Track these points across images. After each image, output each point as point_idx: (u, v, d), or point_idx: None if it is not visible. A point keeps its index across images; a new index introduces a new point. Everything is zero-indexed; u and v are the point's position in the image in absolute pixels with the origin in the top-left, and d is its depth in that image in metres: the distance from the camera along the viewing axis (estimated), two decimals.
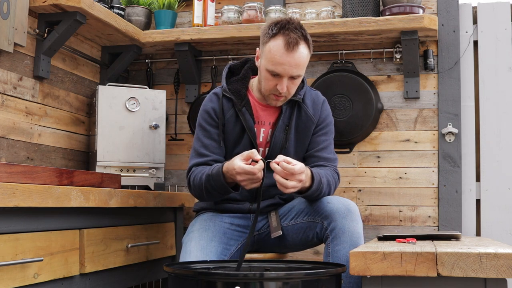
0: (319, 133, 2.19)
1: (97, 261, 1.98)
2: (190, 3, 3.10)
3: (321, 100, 2.23)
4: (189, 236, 2.06)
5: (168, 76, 3.23)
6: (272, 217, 2.14)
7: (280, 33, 1.98)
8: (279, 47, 1.97)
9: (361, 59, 2.97)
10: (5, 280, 1.55)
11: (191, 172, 2.11)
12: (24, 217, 1.66)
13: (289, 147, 2.13)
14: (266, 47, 2.02)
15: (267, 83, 2.04)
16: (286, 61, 1.97)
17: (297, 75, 2.01)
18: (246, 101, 2.13)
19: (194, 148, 2.15)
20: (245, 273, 1.57)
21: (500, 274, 1.45)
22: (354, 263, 1.54)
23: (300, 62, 1.99)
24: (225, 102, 2.14)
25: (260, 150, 2.14)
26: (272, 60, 1.98)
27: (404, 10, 2.71)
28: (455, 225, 2.76)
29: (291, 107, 2.15)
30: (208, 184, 1.99)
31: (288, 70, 1.98)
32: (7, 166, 1.65)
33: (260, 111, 2.16)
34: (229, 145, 2.14)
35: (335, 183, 2.11)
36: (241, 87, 2.15)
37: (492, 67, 2.82)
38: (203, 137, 2.13)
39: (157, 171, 2.79)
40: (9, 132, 2.37)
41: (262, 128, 2.15)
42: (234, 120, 2.13)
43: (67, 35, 2.55)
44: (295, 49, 1.97)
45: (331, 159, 2.18)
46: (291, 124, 2.13)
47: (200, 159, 2.11)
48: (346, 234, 1.95)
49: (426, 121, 2.86)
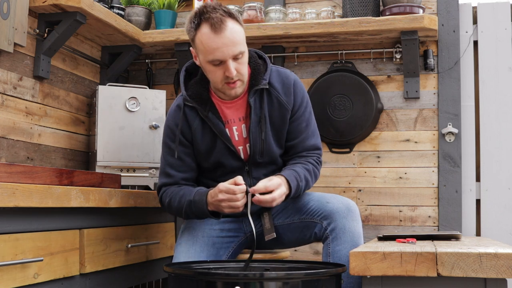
0: (298, 120, 2.06)
1: (97, 261, 1.98)
2: (190, 3, 3.10)
3: (291, 81, 2.05)
4: (178, 250, 2.02)
5: (168, 76, 3.23)
6: (265, 219, 2.07)
7: (202, 20, 1.88)
8: (207, 34, 1.86)
9: (361, 59, 2.97)
10: (5, 280, 1.55)
11: (162, 192, 2.06)
12: (24, 217, 1.66)
13: (267, 139, 2.01)
14: (196, 41, 1.91)
15: (215, 76, 1.92)
16: (220, 43, 1.85)
17: (239, 52, 1.88)
18: (210, 105, 2.01)
19: (161, 167, 2.08)
20: (245, 273, 1.57)
21: (500, 274, 1.45)
22: (354, 263, 1.54)
23: (234, 39, 1.86)
24: (188, 112, 2.02)
25: (240, 150, 2.04)
26: (207, 50, 1.87)
27: (404, 10, 2.72)
28: (455, 225, 2.76)
29: (259, 96, 2.01)
30: (189, 209, 1.95)
31: (226, 52, 1.86)
32: (7, 166, 1.65)
33: (226, 110, 2.03)
34: (203, 154, 2.04)
35: (315, 177, 2.05)
36: (202, 90, 2.02)
37: (492, 67, 2.82)
38: (168, 155, 2.05)
39: (157, 171, 2.79)
40: (9, 132, 2.37)
41: (234, 127, 2.04)
42: (202, 128, 2.01)
43: (67, 35, 2.55)
44: (223, 28, 1.85)
45: (314, 146, 2.08)
46: (264, 115, 2.00)
47: (168, 180, 2.04)
48: (346, 234, 1.94)
49: (426, 121, 2.86)
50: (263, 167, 2.06)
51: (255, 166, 2.05)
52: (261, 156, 2.02)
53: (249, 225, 2.06)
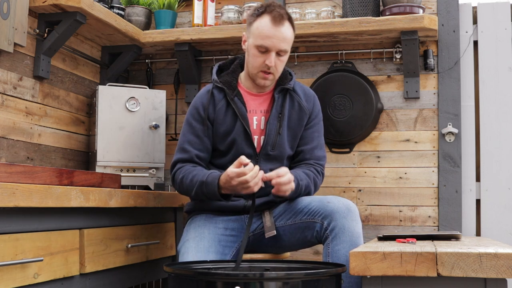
0: (312, 128, 2.24)
1: (97, 261, 1.98)
2: (190, 3, 3.10)
3: (313, 94, 2.29)
4: (186, 246, 2.03)
5: (168, 76, 3.23)
6: (266, 217, 2.13)
7: (266, 11, 2.09)
8: (267, 22, 2.07)
9: (361, 59, 2.97)
10: (5, 280, 1.55)
11: (176, 168, 2.16)
12: (24, 217, 1.66)
13: (283, 134, 2.17)
14: (253, 26, 2.11)
15: (255, 60, 2.10)
16: (274, 34, 2.06)
17: (284, 49, 2.09)
18: (237, 92, 2.18)
19: (178, 143, 2.20)
20: (245, 273, 1.57)
21: (500, 274, 1.45)
22: (354, 263, 1.54)
23: (286, 36, 2.08)
24: (216, 94, 2.18)
25: (255, 138, 2.17)
26: (260, 35, 2.07)
27: (404, 10, 2.72)
28: (455, 225, 2.76)
29: (283, 95, 2.20)
30: (200, 190, 2.05)
31: (276, 44, 2.06)
32: (7, 166, 1.65)
33: (251, 101, 2.20)
34: (220, 135, 2.16)
35: (314, 185, 2.17)
36: (231, 79, 2.20)
37: (492, 67, 2.82)
38: (188, 133, 2.18)
39: (157, 171, 2.80)
40: (9, 132, 2.37)
41: (255, 116, 2.19)
42: (225, 110, 2.16)
43: (67, 35, 2.55)
44: (282, 23, 2.07)
45: (321, 157, 2.24)
46: (284, 112, 2.18)
47: (183, 155, 2.16)
48: (346, 234, 1.95)
49: (426, 121, 2.86)
50: (271, 163, 2.16)
51: (265, 158, 2.16)
52: (272, 149, 2.15)
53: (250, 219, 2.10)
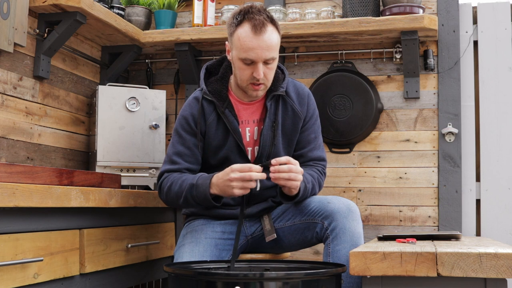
0: (308, 131, 2.15)
1: (97, 261, 1.98)
2: (190, 3, 3.10)
3: (306, 93, 2.16)
4: (180, 251, 2.02)
5: (168, 76, 3.23)
6: (265, 221, 2.10)
7: (245, 19, 1.94)
8: (247, 33, 1.93)
9: (361, 59, 2.97)
10: (5, 280, 1.55)
11: (163, 178, 2.06)
12: (24, 217, 1.66)
13: (277, 144, 2.09)
14: (234, 36, 1.97)
15: (243, 73, 1.98)
16: (256, 44, 1.92)
17: (271, 58, 1.95)
18: (228, 102, 2.06)
19: (167, 154, 2.10)
20: (245, 273, 1.57)
21: (500, 274, 1.45)
22: (354, 263, 1.54)
23: (271, 44, 1.94)
24: (206, 106, 2.07)
25: (248, 150, 2.09)
26: (242, 47, 1.94)
27: (404, 10, 2.72)
28: (455, 225, 2.76)
29: (275, 101, 2.09)
30: (189, 193, 1.96)
31: (260, 54, 1.93)
32: (7, 166, 1.65)
33: (243, 110, 2.10)
34: (212, 149, 2.08)
35: (319, 185, 2.12)
36: (221, 87, 2.08)
37: (492, 67, 2.82)
38: (178, 144, 2.08)
39: (157, 171, 2.79)
40: (9, 132, 2.37)
41: (247, 127, 2.10)
42: (216, 123, 2.07)
43: (67, 35, 2.55)
44: (263, 31, 1.92)
45: (321, 157, 2.17)
46: (278, 120, 2.08)
47: (172, 166, 2.06)
48: (346, 234, 1.95)
49: (426, 121, 2.86)
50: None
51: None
52: (267, 159, 2.05)
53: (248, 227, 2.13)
